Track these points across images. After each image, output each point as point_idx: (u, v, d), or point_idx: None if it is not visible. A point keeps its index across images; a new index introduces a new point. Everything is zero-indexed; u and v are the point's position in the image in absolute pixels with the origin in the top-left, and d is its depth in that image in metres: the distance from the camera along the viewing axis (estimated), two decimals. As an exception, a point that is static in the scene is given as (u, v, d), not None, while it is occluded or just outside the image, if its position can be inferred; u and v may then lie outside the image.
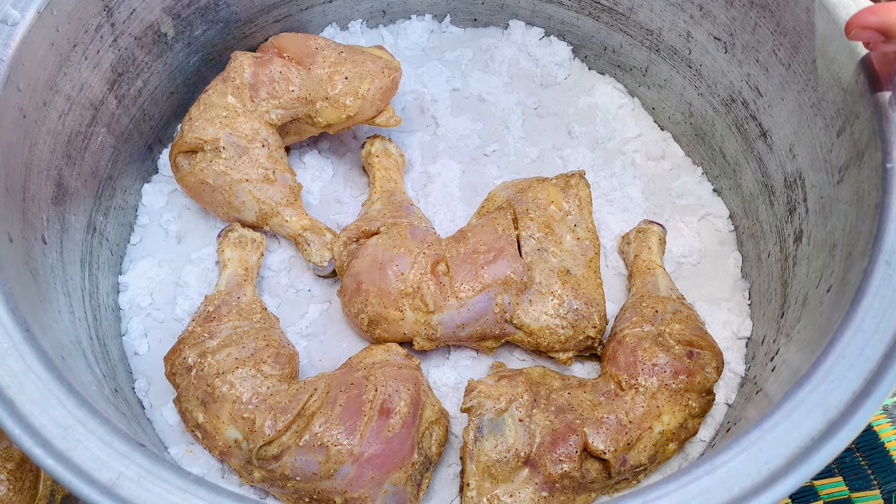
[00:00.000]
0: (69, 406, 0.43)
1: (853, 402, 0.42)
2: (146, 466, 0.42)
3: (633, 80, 0.84)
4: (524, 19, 0.86)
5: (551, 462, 0.58)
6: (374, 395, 0.58)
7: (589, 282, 0.66)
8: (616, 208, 0.77)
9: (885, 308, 0.45)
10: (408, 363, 0.62)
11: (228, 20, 0.77)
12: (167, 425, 0.65)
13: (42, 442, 0.42)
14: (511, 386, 0.61)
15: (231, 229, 0.70)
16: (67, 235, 0.62)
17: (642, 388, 0.61)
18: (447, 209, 0.75)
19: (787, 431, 0.42)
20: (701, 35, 0.73)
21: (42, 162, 0.59)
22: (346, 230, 0.69)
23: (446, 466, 0.64)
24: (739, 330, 0.70)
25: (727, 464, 0.42)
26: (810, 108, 0.62)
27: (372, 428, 0.57)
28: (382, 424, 0.57)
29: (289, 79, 0.70)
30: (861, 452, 0.72)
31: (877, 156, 0.52)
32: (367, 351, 0.64)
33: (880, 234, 0.48)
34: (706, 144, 0.79)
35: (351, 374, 0.60)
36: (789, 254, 0.66)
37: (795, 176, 0.65)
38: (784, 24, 0.63)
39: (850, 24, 0.51)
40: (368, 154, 0.75)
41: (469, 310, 0.64)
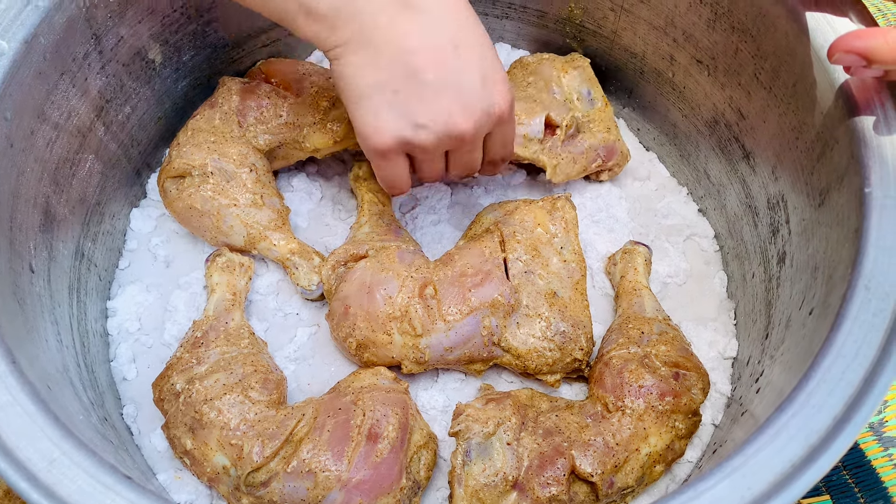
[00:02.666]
0: (55, 438, 0.43)
1: (834, 428, 0.43)
2: (132, 499, 0.42)
3: (618, 101, 0.84)
4: (510, 42, 0.87)
5: (539, 485, 0.58)
6: (363, 419, 0.58)
7: (576, 304, 0.67)
8: (602, 229, 0.77)
9: (865, 333, 0.46)
10: (396, 387, 0.63)
11: (216, 45, 0.77)
12: (155, 451, 0.65)
13: (27, 475, 0.41)
14: (499, 409, 0.61)
15: (219, 254, 0.70)
16: (55, 263, 0.62)
17: (629, 410, 0.61)
18: (435, 232, 0.76)
19: (770, 457, 0.43)
20: (684, 58, 0.74)
21: (29, 190, 0.59)
22: (335, 254, 0.69)
23: (435, 490, 0.64)
24: (725, 350, 0.70)
25: (710, 490, 0.42)
26: (791, 132, 0.63)
27: (360, 453, 0.57)
28: (370, 450, 0.57)
29: (276, 104, 0.71)
30: (848, 470, 0.72)
31: (856, 180, 0.52)
32: (354, 375, 0.64)
33: (860, 258, 0.49)
34: (691, 165, 0.79)
35: (339, 398, 0.61)
36: (773, 275, 0.66)
37: (778, 198, 0.66)
38: (764, 48, 0.64)
39: (834, 48, 0.52)
40: (356, 177, 0.75)
41: (457, 333, 0.64)
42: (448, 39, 0.55)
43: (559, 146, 0.75)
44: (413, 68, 0.54)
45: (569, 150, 0.75)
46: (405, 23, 0.54)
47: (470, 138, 0.58)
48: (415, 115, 0.55)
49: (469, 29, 0.57)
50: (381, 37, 0.54)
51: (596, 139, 0.76)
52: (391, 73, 0.54)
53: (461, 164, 0.62)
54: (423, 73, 0.54)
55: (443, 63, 0.55)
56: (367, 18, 0.53)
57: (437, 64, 0.55)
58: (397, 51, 0.54)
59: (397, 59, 0.54)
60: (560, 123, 0.74)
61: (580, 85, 0.77)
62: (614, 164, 0.77)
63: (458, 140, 0.58)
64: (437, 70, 0.55)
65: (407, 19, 0.54)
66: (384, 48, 0.54)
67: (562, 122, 0.74)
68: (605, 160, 0.77)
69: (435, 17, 0.55)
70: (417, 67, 0.54)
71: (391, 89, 0.55)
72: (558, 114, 0.74)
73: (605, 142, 0.76)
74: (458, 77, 0.55)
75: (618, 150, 0.76)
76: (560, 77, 0.77)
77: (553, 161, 0.74)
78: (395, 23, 0.54)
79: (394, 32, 0.54)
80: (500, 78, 0.59)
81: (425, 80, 0.54)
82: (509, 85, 0.60)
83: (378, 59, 0.54)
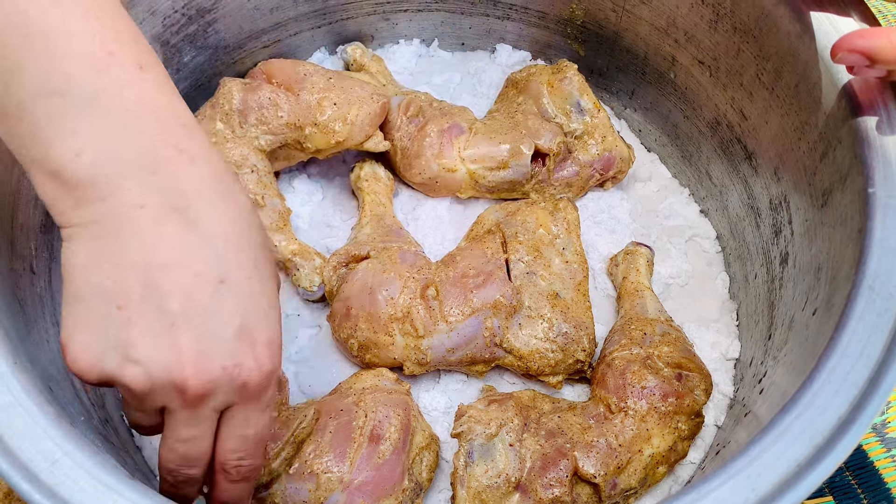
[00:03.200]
0: (57, 439, 0.43)
1: (839, 428, 0.42)
2: (135, 500, 0.41)
3: (620, 103, 0.84)
4: (511, 43, 0.87)
5: (542, 487, 0.58)
6: (364, 421, 0.58)
7: (578, 305, 0.67)
8: (604, 230, 0.77)
9: (869, 333, 0.46)
10: (398, 388, 0.62)
11: (217, 46, 0.77)
12: (155, 452, 0.65)
13: (30, 476, 0.41)
14: (501, 410, 0.61)
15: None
16: (56, 264, 0.62)
17: (632, 412, 0.61)
18: (436, 233, 0.76)
19: (775, 458, 0.42)
20: (686, 59, 0.74)
21: (31, 190, 0.59)
22: (336, 255, 0.69)
23: (437, 492, 0.64)
24: (728, 351, 0.70)
25: (714, 491, 0.42)
26: (794, 132, 0.63)
27: (362, 455, 0.57)
28: (373, 451, 0.57)
29: (278, 105, 0.71)
30: (851, 472, 0.72)
31: (859, 180, 0.52)
32: (356, 376, 0.64)
33: (863, 258, 0.49)
34: (693, 166, 0.79)
35: (341, 399, 0.60)
36: (776, 276, 0.66)
37: (780, 198, 0.66)
38: (767, 49, 0.64)
39: (837, 47, 0.52)
40: (358, 178, 0.75)
41: (459, 334, 0.64)
42: (214, 268, 0.42)
43: (549, 178, 0.75)
44: (155, 287, 0.41)
45: (561, 177, 0.75)
46: (168, 229, 0.42)
47: (194, 396, 0.42)
48: (131, 345, 0.41)
49: (248, 266, 0.44)
50: (131, 234, 0.41)
51: (589, 154, 0.75)
52: (125, 284, 0.41)
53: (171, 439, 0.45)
54: (164, 298, 0.41)
55: (195, 294, 0.42)
56: (122, 205, 0.41)
57: (187, 292, 0.41)
58: (144, 259, 0.41)
59: (140, 269, 0.41)
60: (549, 151, 0.73)
61: (569, 96, 0.75)
62: (616, 172, 0.77)
63: (181, 396, 0.42)
64: (185, 301, 0.41)
65: (172, 226, 0.42)
66: (129, 250, 0.41)
67: (550, 150, 0.73)
68: (602, 173, 0.76)
69: (207, 237, 0.42)
70: (161, 288, 0.41)
71: (116, 303, 0.41)
72: (548, 140, 0.73)
73: (600, 154, 0.75)
74: (207, 318, 0.42)
75: (616, 159, 0.76)
76: (548, 93, 0.76)
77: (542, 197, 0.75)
78: (155, 224, 0.41)
79: (149, 235, 0.41)
80: (267, 340, 0.45)
81: (164, 307, 0.41)
82: (276, 357, 0.46)
83: (116, 260, 0.41)
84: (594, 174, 0.76)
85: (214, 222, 0.43)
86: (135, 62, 0.42)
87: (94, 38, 0.41)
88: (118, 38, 0.42)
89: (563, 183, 0.76)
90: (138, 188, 0.41)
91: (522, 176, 0.74)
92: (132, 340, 0.41)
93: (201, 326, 0.42)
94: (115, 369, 0.41)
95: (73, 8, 0.40)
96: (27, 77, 0.40)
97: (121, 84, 0.41)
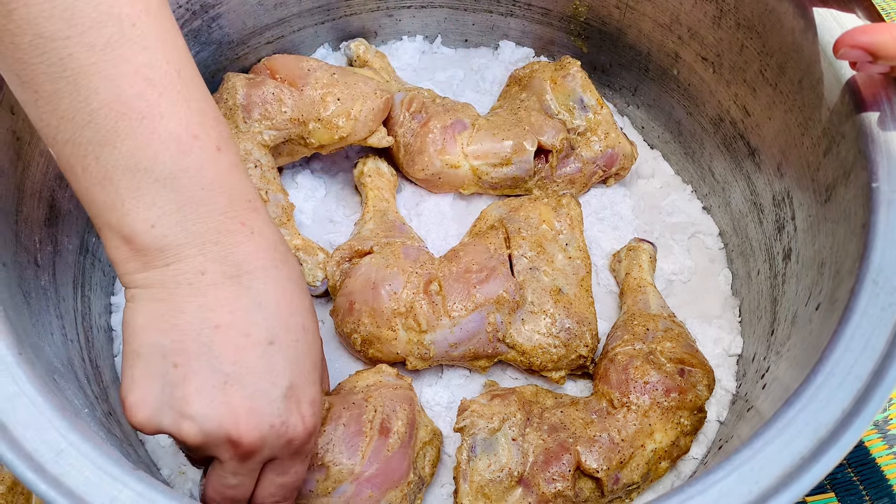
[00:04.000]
0: (62, 429, 0.43)
1: (843, 421, 0.43)
2: (139, 490, 0.41)
3: (623, 99, 0.84)
4: (514, 40, 0.87)
5: (545, 481, 0.58)
6: (374, 415, 0.58)
7: (581, 301, 0.67)
8: (606, 226, 0.77)
9: (874, 326, 0.46)
10: (401, 383, 0.62)
11: (221, 42, 0.77)
12: (159, 446, 0.65)
13: (35, 466, 0.41)
14: (504, 405, 0.61)
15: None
16: (60, 257, 0.62)
17: (634, 406, 0.61)
18: (439, 228, 0.76)
19: (778, 450, 0.43)
20: (689, 56, 0.74)
21: (35, 184, 0.59)
22: (339, 250, 0.69)
23: (439, 486, 0.64)
24: (730, 347, 0.70)
25: (718, 483, 0.42)
26: (797, 128, 0.63)
27: (373, 448, 0.57)
28: (382, 444, 0.57)
29: (281, 100, 0.71)
30: (853, 468, 0.72)
31: (863, 175, 0.52)
32: (358, 375, 0.64)
33: (867, 252, 0.49)
34: (695, 163, 0.79)
35: (350, 395, 0.60)
36: (778, 271, 0.66)
37: (784, 194, 0.66)
38: (770, 45, 0.64)
39: (840, 43, 0.52)
40: (361, 174, 0.75)
41: (462, 329, 0.64)
42: (264, 330, 0.45)
43: (552, 175, 0.75)
44: (209, 347, 0.44)
45: (564, 173, 0.75)
46: (224, 293, 0.45)
47: (245, 452, 0.45)
48: (186, 402, 0.44)
49: (296, 329, 0.47)
50: (189, 297, 0.44)
51: (592, 151, 0.75)
52: (181, 343, 0.44)
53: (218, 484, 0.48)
54: (217, 358, 0.44)
55: (246, 355, 0.45)
56: (185, 270, 0.44)
57: (239, 353, 0.44)
58: (201, 320, 0.44)
59: (195, 330, 0.44)
60: (552, 147, 0.73)
61: (572, 93, 0.76)
62: (619, 169, 0.77)
63: (232, 449, 0.45)
64: (237, 361, 0.44)
65: (227, 291, 0.45)
66: (187, 312, 0.44)
67: (553, 147, 0.73)
68: (605, 169, 0.76)
69: (258, 302, 0.46)
70: (215, 349, 0.44)
71: (172, 361, 0.44)
72: (551, 136, 0.73)
73: (603, 150, 0.75)
74: (258, 378, 0.45)
75: (619, 155, 0.76)
76: (551, 89, 0.76)
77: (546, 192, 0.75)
78: (213, 288, 0.44)
79: (206, 298, 0.44)
80: (311, 400, 0.48)
81: (217, 367, 0.44)
82: (318, 415, 0.49)
83: (174, 321, 0.44)
84: (597, 171, 0.76)
85: (266, 288, 0.46)
86: (214, 145, 0.45)
87: (181, 122, 0.44)
88: (203, 122, 0.45)
89: (565, 179, 0.76)
90: (202, 257, 0.44)
91: (525, 172, 0.74)
92: (188, 398, 0.44)
93: (252, 385, 0.45)
94: (172, 425, 0.44)
95: (167, 91, 0.43)
96: (117, 152, 0.42)
97: (200, 165, 0.44)
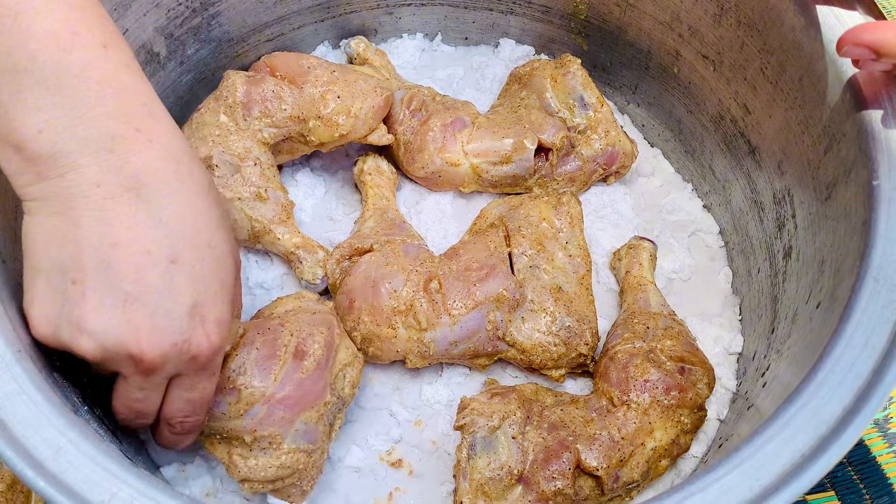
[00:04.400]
0: (61, 427, 0.43)
1: (843, 419, 0.43)
2: (139, 487, 0.41)
3: (623, 97, 0.84)
4: (514, 38, 0.87)
5: (544, 479, 0.58)
6: (290, 339, 0.59)
7: (581, 299, 0.67)
8: (607, 224, 0.77)
9: (874, 324, 0.46)
10: (321, 308, 0.63)
11: (221, 39, 0.77)
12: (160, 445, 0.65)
13: (34, 464, 0.41)
14: (504, 403, 0.61)
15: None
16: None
17: (634, 405, 0.61)
18: (439, 226, 0.76)
19: (779, 448, 0.42)
20: (689, 54, 0.74)
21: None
22: (339, 248, 0.69)
23: (439, 484, 0.64)
24: (730, 345, 0.70)
25: (719, 480, 0.42)
26: (798, 126, 0.63)
27: (286, 370, 0.57)
28: (296, 367, 0.58)
29: (281, 98, 0.71)
30: (853, 467, 0.72)
31: (863, 173, 0.52)
32: (277, 301, 0.64)
33: (868, 250, 0.49)
34: (696, 161, 0.79)
35: (266, 321, 0.61)
36: (779, 270, 0.66)
37: (784, 192, 0.66)
38: (771, 42, 0.64)
39: (843, 41, 0.52)
40: (361, 172, 0.75)
41: (462, 327, 0.64)
42: (166, 248, 0.44)
43: (552, 173, 0.75)
44: (108, 265, 0.43)
45: (564, 171, 0.75)
46: (122, 207, 0.43)
47: (147, 368, 0.45)
48: (84, 319, 0.43)
49: (203, 247, 0.46)
50: (86, 211, 0.43)
51: (592, 149, 0.75)
52: (79, 259, 0.43)
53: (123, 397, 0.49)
54: (118, 276, 0.43)
55: (147, 274, 0.44)
56: (80, 183, 0.43)
57: (139, 272, 0.44)
58: (99, 236, 0.43)
59: (94, 246, 0.43)
60: (552, 145, 0.73)
61: (572, 91, 0.76)
62: (619, 167, 0.77)
63: (134, 365, 0.45)
64: (137, 280, 0.44)
65: (126, 204, 0.43)
66: (84, 227, 0.43)
67: (554, 145, 0.73)
68: (605, 168, 0.76)
69: (159, 217, 0.44)
70: (113, 267, 0.43)
71: (71, 277, 0.43)
72: (551, 134, 0.73)
73: (603, 149, 0.75)
74: (159, 296, 0.44)
75: (619, 154, 0.76)
76: (552, 87, 0.76)
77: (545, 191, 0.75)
78: (111, 201, 0.43)
79: (104, 213, 0.43)
80: (216, 318, 0.47)
81: (116, 285, 0.43)
82: (224, 334, 0.49)
83: (72, 237, 0.43)
84: (597, 169, 0.76)
85: (167, 203, 0.45)
86: (99, 42, 0.43)
87: (58, 18, 0.42)
88: (83, 18, 0.43)
89: (565, 178, 0.76)
90: (96, 167, 0.43)
91: (525, 170, 0.74)
92: (85, 315, 0.43)
93: (153, 304, 0.44)
94: (71, 340, 0.44)
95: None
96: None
97: (84, 64, 0.42)
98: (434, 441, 0.66)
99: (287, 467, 0.57)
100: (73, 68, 0.42)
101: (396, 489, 0.64)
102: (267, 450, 0.56)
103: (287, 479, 0.58)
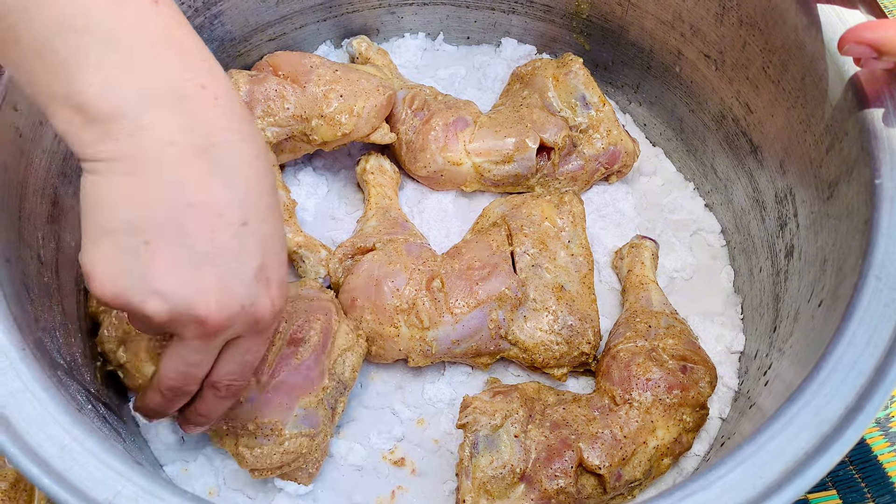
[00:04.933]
0: (66, 425, 0.43)
1: (846, 417, 0.43)
2: (143, 485, 0.42)
3: (625, 96, 0.85)
4: (516, 37, 0.87)
5: (547, 478, 0.58)
6: (285, 327, 0.60)
7: (583, 298, 0.67)
8: (609, 223, 0.77)
9: (876, 322, 0.46)
10: (320, 295, 0.64)
11: (223, 39, 0.77)
12: (162, 444, 0.65)
13: (39, 461, 0.41)
14: (506, 402, 0.61)
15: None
16: (63, 254, 0.62)
17: (636, 403, 0.61)
18: (441, 225, 0.76)
19: (782, 446, 0.43)
20: (691, 53, 0.74)
21: (38, 180, 0.59)
22: (342, 247, 0.69)
23: (441, 483, 0.64)
24: (732, 344, 0.70)
25: (722, 478, 0.42)
26: (800, 125, 0.63)
27: (280, 357, 0.59)
28: (291, 354, 0.59)
29: (284, 97, 0.71)
30: (854, 466, 0.72)
31: (866, 172, 0.52)
32: None
33: (870, 249, 0.49)
34: (697, 160, 0.79)
35: None
36: (781, 268, 0.66)
37: (786, 191, 0.66)
38: (773, 42, 0.64)
39: (845, 39, 0.52)
40: (363, 171, 0.76)
41: (464, 326, 0.64)
42: (238, 210, 0.44)
43: (554, 172, 0.75)
44: (182, 226, 0.42)
45: (566, 170, 0.75)
46: (195, 167, 0.43)
47: (212, 330, 0.45)
48: (157, 279, 0.42)
49: (265, 210, 0.46)
50: (161, 172, 0.42)
51: (594, 148, 0.75)
52: (153, 220, 0.42)
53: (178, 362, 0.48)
54: (190, 237, 0.42)
55: (219, 235, 0.43)
56: (151, 141, 0.41)
57: (212, 233, 0.43)
58: (173, 197, 0.42)
59: (167, 207, 0.42)
60: (554, 145, 0.74)
61: (574, 90, 0.76)
62: (621, 166, 0.77)
63: (198, 328, 0.44)
64: (211, 242, 0.43)
65: (198, 166, 0.43)
66: (158, 186, 0.42)
67: (556, 144, 0.73)
68: (607, 167, 0.76)
69: (231, 180, 0.44)
70: (187, 228, 0.42)
71: (144, 238, 0.42)
72: (553, 133, 0.73)
73: (605, 148, 0.75)
74: (231, 258, 0.44)
75: (621, 153, 0.76)
76: (553, 86, 0.76)
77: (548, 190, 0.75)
78: (183, 162, 0.42)
79: (177, 174, 0.42)
80: (279, 280, 0.48)
81: (190, 246, 0.43)
82: (285, 297, 0.49)
83: (145, 197, 0.42)
84: (599, 168, 0.76)
85: (235, 164, 0.44)
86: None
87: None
88: None
89: (567, 177, 0.76)
90: (166, 126, 0.42)
91: (527, 170, 0.74)
92: (158, 275, 0.42)
93: (224, 266, 0.44)
94: (139, 301, 0.43)
95: None
96: (46, 13, 0.40)
97: (139, 20, 0.42)
98: (436, 440, 0.66)
99: (291, 452, 0.58)
100: (130, 25, 0.41)
101: (399, 488, 0.64)
102: (270, 437, 0.58)
103: (293, 463, 0.59)
